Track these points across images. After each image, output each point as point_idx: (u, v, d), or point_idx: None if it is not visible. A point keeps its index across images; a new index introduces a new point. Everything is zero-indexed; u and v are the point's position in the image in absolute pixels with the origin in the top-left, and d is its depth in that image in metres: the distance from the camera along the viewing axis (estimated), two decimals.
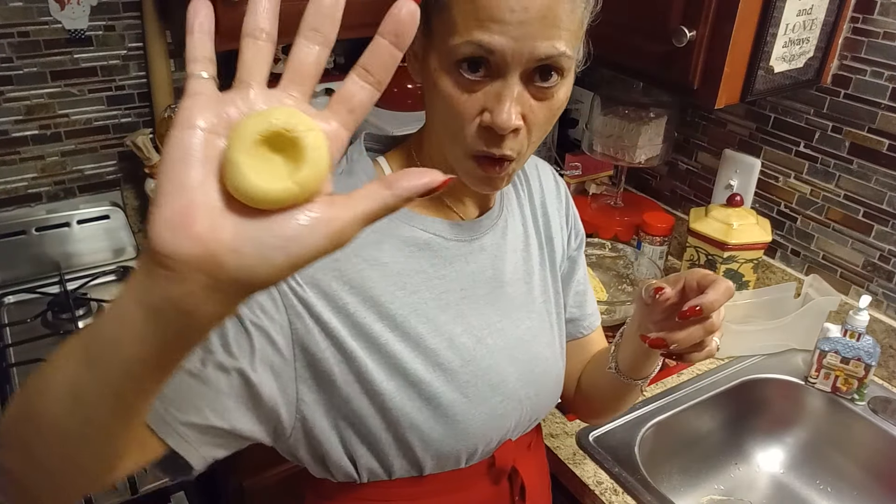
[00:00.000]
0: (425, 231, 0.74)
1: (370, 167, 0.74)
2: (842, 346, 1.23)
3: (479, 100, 0.63)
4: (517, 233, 0.83)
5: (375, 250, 0.70)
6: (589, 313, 0.94)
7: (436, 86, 0.65)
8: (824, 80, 1.29)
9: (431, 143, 0.74)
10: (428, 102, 0.70)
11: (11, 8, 1.40)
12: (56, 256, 1.52)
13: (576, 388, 0.95)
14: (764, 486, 1.30)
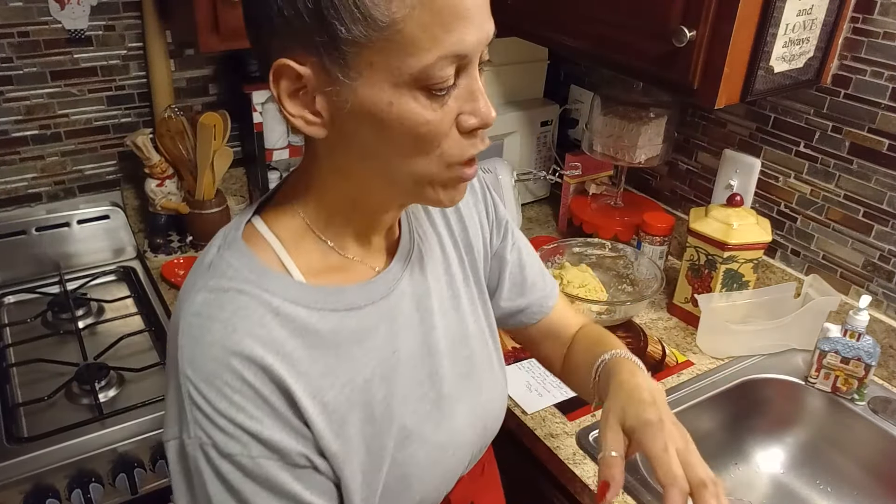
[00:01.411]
0: (335, 310, 0.65)
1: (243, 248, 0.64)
2: (842, 346, 1.23)
3: (451, 108, 0.58)
4: (434, 256, 0.77)
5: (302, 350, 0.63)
6: (536, 298, 0.90)
7: (386, 119, 0.57)
8: (824, 80, 1.29)
9: (348, 190, 0.65)
10: (358, 142, 0.60)
11: (11, 8, 1.40)
12: (56, 256, 1.52)
13: (562, 370, 0.93)
14: (764, 486, 1.30)
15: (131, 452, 1.15)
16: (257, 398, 0.59)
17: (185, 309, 0.61)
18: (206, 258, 0.65)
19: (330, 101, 0.57)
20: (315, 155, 0.64)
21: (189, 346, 0.60)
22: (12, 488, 1.06)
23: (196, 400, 0.59)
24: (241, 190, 1.79)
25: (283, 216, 0.67)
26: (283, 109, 0.59)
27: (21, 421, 1.16)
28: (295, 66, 0.56)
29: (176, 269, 1.53)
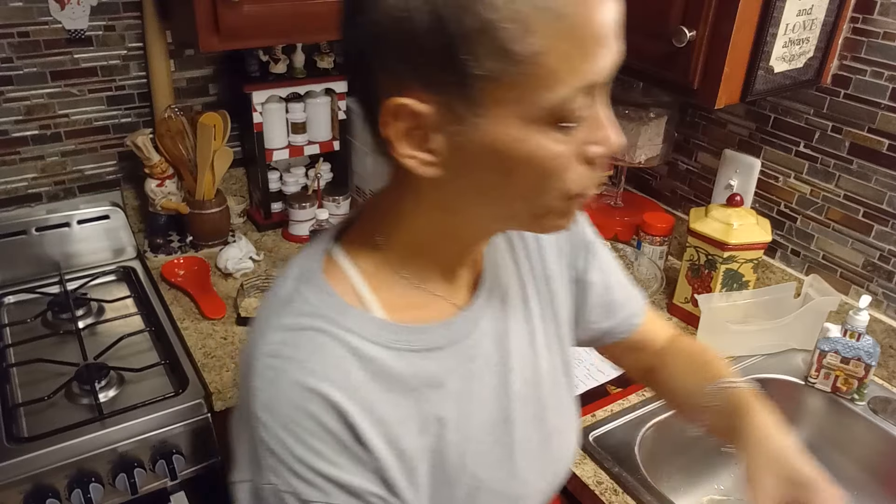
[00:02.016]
0: (415, 351, 0.61)
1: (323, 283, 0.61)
2: (842, 346, 1.23)
3: (578, 138, 0.54)
4: (513, 290, 0.72)
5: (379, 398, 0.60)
6: (622, 318, 0.86)
7: (514, 157, 0.53)
8: (824, 80, 1.29)
9: (447, 226, 0.61)
10: (476, 181, 0.55)
11: (11, 8, 1.40)
12: (56, 256, 1.52)
13: (653, 383, 0.90)
14: None
15: (131, 452, 1.15)
16: (336, 443, 0.56)
17: (259, 348, 0.58)
18: (281, 291, 0.61)
19: (450, 140, 0.53)
20: (413, 189, 0.59)
21: (264, 389, 0.57)
22: (12, 488, 1.06)
23: (271, 446, 0.56)
24: (241, 190, 1.80)
25: (364, 247, 0.63)
26: (394, 150, 0.54)
27: (21, 421, 1.16)
28: (415, 105, 0.52)
29: (176, 269, 1.53)
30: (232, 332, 1.35)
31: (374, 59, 0.53)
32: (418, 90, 0.52)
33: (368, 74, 0.54)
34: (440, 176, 0.55)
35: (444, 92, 0.51)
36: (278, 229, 1.74)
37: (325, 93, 1.68)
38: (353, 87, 0.58)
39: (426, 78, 0.51)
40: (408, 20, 0.49)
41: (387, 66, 0.52)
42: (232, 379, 1.25)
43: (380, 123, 0.54)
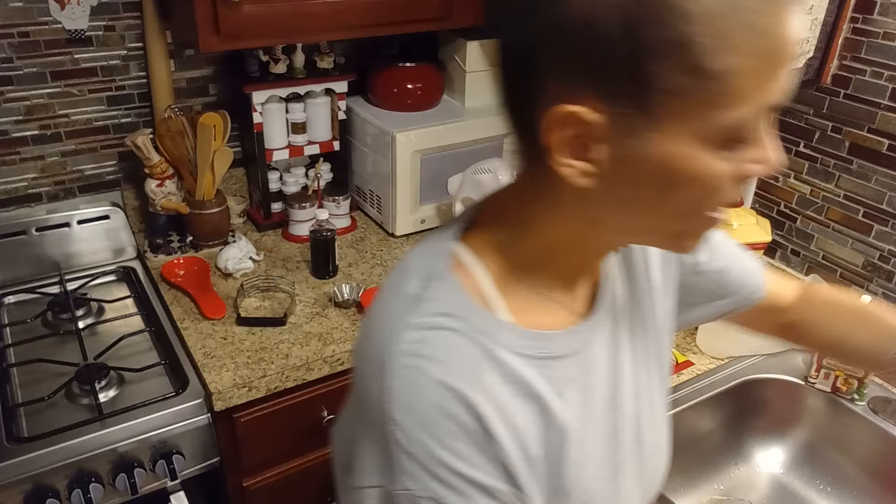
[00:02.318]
0: (538, 358, 0.60)
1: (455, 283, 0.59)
2: None
3: (739, 157, 0.52)
4: (624, 303, 0.71)
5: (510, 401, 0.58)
6: (741, 297, 0.83)
7: (680, 174, 0.51)
8: (824, 80, 1.29)
9: (580, 235, 0.60)
10: (630, 196, 0.54)
11: (11, 8, 1.40)
12: (56, 256, 1.52)
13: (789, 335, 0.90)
14: (764, 486, 1.30)
15: (131, 452, 1.15)
16: (475, 445, 0.54)
17: (392, 347, 0.56)
18: (406, 288, 0.59)
19: (615, 152, 0.51)
20: (552, 196, 0.57)
21: (401, 389, 0.54)
22: (12, 488, 1.07)
23: (409, 448, 0.53)
24: (241, 190, 1.80)
25: (491, 248, 0.61)
26: (552, 158, 0.53)
27: (21, 421, 1.16)
28: (587, 114, 0.50)
29: (176, 270, 1.53)
30: (232, 332, 1.35)
31: (545, 63, 0.51)
32: (591, 99, 0.50)
33: (533, 77, 0.52)
34: (592, 187, 0.53)
35: (620, 103, 0.49)
36: (278, 229, 1.74)
37: (325, 93, 1.68)
38: (509, 88, 0.56)
39: (603, 87, 0.49)
40: (594, 26, 0.47)
41: (560, 71, 0.50)
42: None
43: (542, 129, 0.52)
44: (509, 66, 0.55)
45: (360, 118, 1.72)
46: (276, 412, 1.31)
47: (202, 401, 1.21)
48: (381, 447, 0.55)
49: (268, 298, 1.47)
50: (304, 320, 1.40)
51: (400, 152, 1.60)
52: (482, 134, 1.70)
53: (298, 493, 1.43)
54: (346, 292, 1.45)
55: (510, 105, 0.57)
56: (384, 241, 1.72)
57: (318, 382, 1.33)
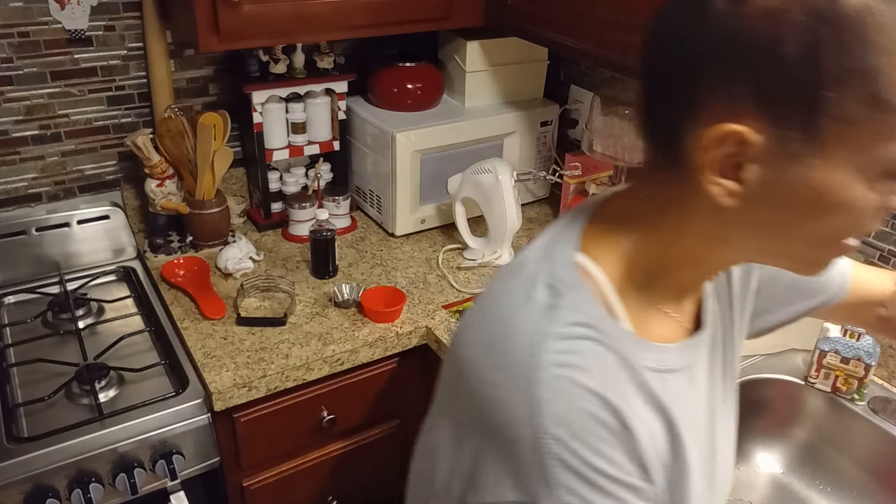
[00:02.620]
0: (657, 370, 0.59)
1: (588, 292, 0.58)
2: (842, 345, 1.23)
3: (887, 189, 0.52)
4: (715, 315, 0.70)
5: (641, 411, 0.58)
6: (833, 288, 0.82)
7: (833, 203, 0.50)
8: None
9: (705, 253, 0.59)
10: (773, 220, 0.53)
11: (11, 8, 1.40)
12: (56, 256, 1.52)
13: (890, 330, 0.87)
14: (764, 486, 1.30)
15: (131, 452, 1.15)
16: (627, 453, 0.54)
17: (538, 358, 0.54)
18: (536, 296, 0.57)
19: (770, 175, 0.50)
20: (683, 207, 0.56)
21: (555, 401, 0.53)
22: (12, 488, 1.07)
23: (567, 460, 0.52)
24: (241, 190, 1.80)
25: (610, 255, 0.60)
26: (704, 176, 0.52)
27: (21, 421, 1.16)
28: (749, 134, 0.49)
29: (176, 269, 1.53)
30: (232, 333, 1.35)
31: (711, 78, 0.50)
32: (755, 119, 0.49)
33: (692, 91, 0.51)
34: (733, 207, 0.52)
35: (787, 126, 0.48)
36: (278, 229, 1.74)
37: (325, 93, 1.68)
38: (658, 100, 0.55)
39: (772, 108, 0.48)
40: (776, 46, 0.46)
41: (726, 87, 0.49)
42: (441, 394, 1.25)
43: (697, 146, 0.51)
44: (664, 78, 0.53)
45: (360, 118, 1.72)
46: (276, 412, 1.31)
47: (202, 401, 1.21)
48: (531, 461, 0.53)
49: (268, 298, 1.47)
50: (304, 320, 1.40)
51: (400, 152, 1.60)
52: (482, 134, 1.70)
53: (298, 493, 1.43)
54: (346, 292, 1.45)
55: (656, 116, 0.56)
56: (384, 241, 1.72)
57: (318, 382, 1.33)
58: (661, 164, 0.57)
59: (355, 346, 1.33)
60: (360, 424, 1.45)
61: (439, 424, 0.63)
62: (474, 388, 0.57)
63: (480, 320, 0.60)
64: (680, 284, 0.63)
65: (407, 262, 1.62)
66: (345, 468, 1.47)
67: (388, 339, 1.36)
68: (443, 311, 1.44)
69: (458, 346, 0.61)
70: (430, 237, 1.73)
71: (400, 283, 1.53)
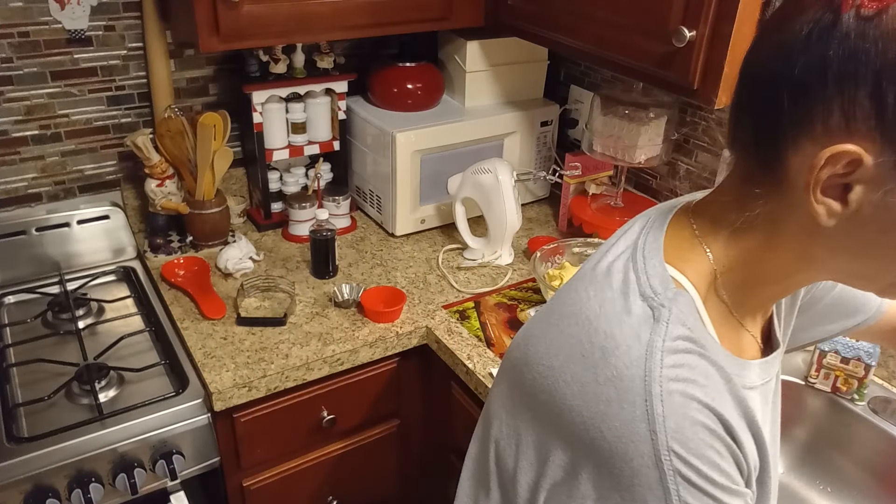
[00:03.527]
0: (742, 387, 0.59)
1: (691, 306, 0.58)
2: (842, 346, 1.23)
3: None
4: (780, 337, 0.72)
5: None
6: (868, 308, 0.83)
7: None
8: None
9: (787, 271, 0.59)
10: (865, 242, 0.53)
11: (11, 8, 1.40)
12: (56, 256, 1.52)
13: None
14: None
15: (131, 452, 1.15)
16: (737, 466, 0.56)
17: (654, 372, 0.53)
18: (632, 307, 0.56)
19: (876, 198, 0.50)
20: (774, 223, 0.56)
21: (671, 416, 0.52)
22: (12, 488, 1.07)
23: (687, 475, 0.52)
24: (241, 190, 1.80)
25: (693, 266, 0.60)
26: (809, 191, 0.51)
27: (21, 421, 1.16)
28: (863, 156, 0.48)
29: (176, 270, 1.53)
30: (232, 333, 1.35)
31: (832, 94, 0.49)
32: (871, 140, 0.48)
33: (809, 104, 0.50)
34: (833, 227, 0.52)
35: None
36: (278, 229, 1.74)
37: (325, 93, 1.68)
38: (765, 115, 0.54)
39: (891, 132, 0.48)
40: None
41: (847, 105, 0.48)
42: None
43: (808, 164, 0.50)
44: (775, 89, 0.52)
45: (360, 118, 1.72)
46: (276, 412, 1.31)
47: (202, 401, 1.21)
48: (649, 477, 0.52)
49: (268, 298, 1.47)
50: (304, 320, 1.40)
51: (400, 152, 1.60)
52: (482, 134, 1.70)
53: (298, 493, 1.43)
54: (346, 292, 1.45)
55: (760, 129, 0.54)
56: (384, 241, 1.72)
57: (318, 382, 1.33)
58: (756, 178, 0.56)
59: (355, 346, 1.33)
60: (360, 424, 1.45)
61: (510, 426, 0.63)
62: (573, 403, 0.56)
63: (568, 331, 0.59)
64: (761, 301, 0.63)
65: (407, 262, 1.62)
66: (345, 468, 1.47)
67: (388, 339, 1.36)
68: (443, 311, 1.44)
69: (537, 354, 0.60)
70: (430, 237, 1.73)
71: (400, 283, 1.53)
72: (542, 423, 0.59)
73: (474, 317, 1.42)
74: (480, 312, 1.44)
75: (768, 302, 0.65)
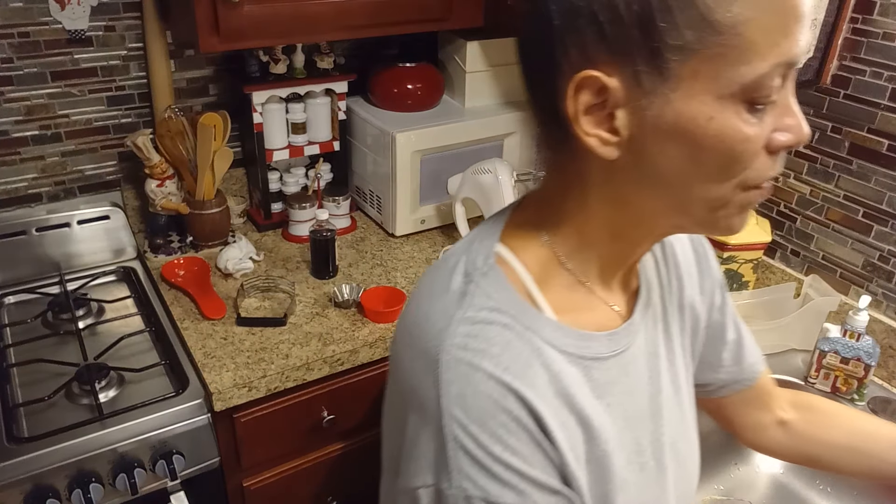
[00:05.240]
0: (582, 358, 0.59)
1: (501, 279, 0.58)
2: (841, 346, 1.23)
3: (767, 123, 0.51)
4: (661, 310, 0.70)
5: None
6: (750, 362, 0.83)
7: (702, 136, 0.50)
8: (824, 80, 1.29)
9: (616, 221, 0.58)
10: (657, 165, 0.52)
11: (12, 8, 1.40)
12: (56, 257, 1.52)
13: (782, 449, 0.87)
14: (764, 486, 1.30)
15: (131, 452, 1.15)
16: (532, 441, 0.54)
17: (445, 341, 0.55)
18: (452, 285, 0.59)
19: (637, 116, 0.51)
20: (581, 181, 0.57)
21: (458, 384, 0.53)
22: (12, 488, 1.07)
23: (465, 444, 0.52)
24: (241, 190, 1.80)
25: (529, 244, 0.60)
26: (578, 127, 0.52)
27: (21, 421, 1.16)
28: (604, 78, 0.50)
29: (176, 270, 1.53)
30: (232, 333, 1.35)
31: (562, 34, 0.51)
32: (607, 62, 0.50)
33: (552, 52, 0.52)
34: (617, 159, 0.53)
35: (636, 64, 0.49)
36: (278, 229, 1.74)
37: (325, 93, 1.68)
38: (531, 72, 0.56)
39: (619, 49, 0.49)
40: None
41: (576, 39, 0.50)
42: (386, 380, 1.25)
43: (565, 98, 0.52)
44: (530, 49, 0.55)
45: (360, 118, 1.72)
46: (276, 412, 1.31)
47: (202, 401, 1.21)
48: (437, 443, 0.54)
49: (268, 298, 1.47)
50: (304, 320, 1.40)
51: (400, 152, 1.60)
52: (482, 134, 1.70)
53: (298, 493, 1.43)
54: (346, 292, 1.45)
55: (534, 91, 0.57)
56: (384, 241, 1.72)
57: (318, 382, 1.33)
58: (551, 143, 0.58)
59: (355, 346, 1.33)
60: (360, 424, 1.45)
61: (386, 418, 0.65)
62: (401, 378, 0.59)
63: (405, 312, 0.63)
64: (603, 263, 0.62)
65: (407, 263, 1.62)
66: (345, 468, 1.47)
67: (389, 340, 1.36)
68: None
69: (394, 337, 0.64)
70: (430, 237, 1.73)
71: (400, 283, 1.53)
72: (393, 396, 0.62)
73: None
74: None
75: (616, 265, 0.63)
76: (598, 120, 0.52)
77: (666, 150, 0.51)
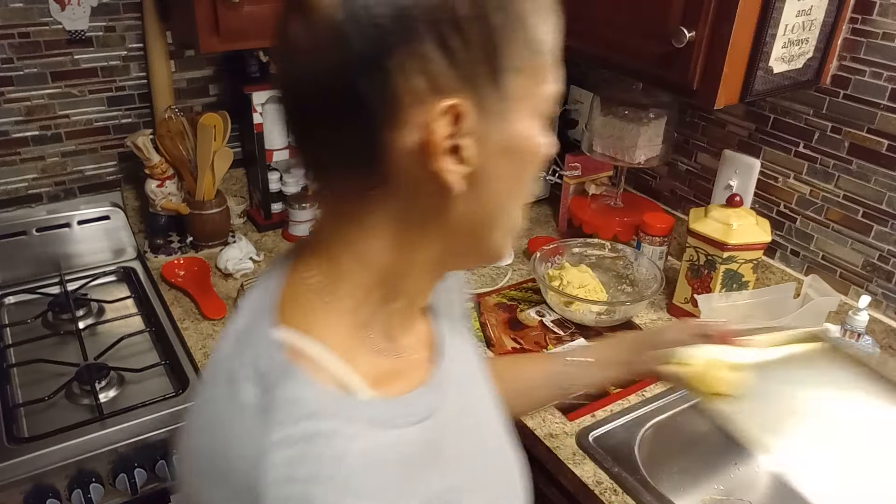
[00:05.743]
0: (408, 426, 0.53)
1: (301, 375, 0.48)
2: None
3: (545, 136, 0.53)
4: (451, 338, 0.65)
5: None
6: None
7: (526, 152, 0.51)
8: (823, 80, 1.29)
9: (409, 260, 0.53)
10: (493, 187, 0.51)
11: (12, 8, 1.40)
12: (56, 257, 1.52)
13: None
14: (764, 486, 1.30)
15: (131, 453, 1.15)
16: None
17: (263, 476, 0.45)
18: (241, 398, 0.48)
19: (481, 142, 0.48)
20: (363, 230, 0.52)
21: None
22: (12, 488, 1.07)
23: None
24: (241, 191, 1.80)
25: (319, 316, 0.52)
26: (435, 163, 0.47)
27: (21, 421, 1.16)
28: (460, 105, 0.47)
29: (176, 270, 1.53)
30: None
31: (399, 56, 0.45)
32: (457, 89, 0.47)
33: (380, 79, 0.46)
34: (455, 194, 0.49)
35: (482, 87, 0.48)
36: (278, 230, 1.74)
37: None
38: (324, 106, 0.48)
39: (465, 75, 0.47)
40: (448, 8, 0.45)
41: (420, 62, 0.45)
42: None
43: (404, 136, 0.47)
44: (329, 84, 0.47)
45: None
46: None
47: None
48: None
49: None
50: None
51: None
52: None
53: None
54: None
55: (327, 137, 0.50)
56: None
57: None
58: (348, 191, 0.51)
59: None
60: None
61: None
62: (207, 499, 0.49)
63: (195, 441, 0.53)
64: (398, 309, 0.56)
65: None
66: None
67: None
68: None
69: (185, 447, 0.54)
70: None
71: None
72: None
73: (474, 317, 1.43)
74: (480, 313, 1.44)
75: (411, 307, 0.58)
76: (448, 151, 0.48)
77: (500, 173, 0.51)
